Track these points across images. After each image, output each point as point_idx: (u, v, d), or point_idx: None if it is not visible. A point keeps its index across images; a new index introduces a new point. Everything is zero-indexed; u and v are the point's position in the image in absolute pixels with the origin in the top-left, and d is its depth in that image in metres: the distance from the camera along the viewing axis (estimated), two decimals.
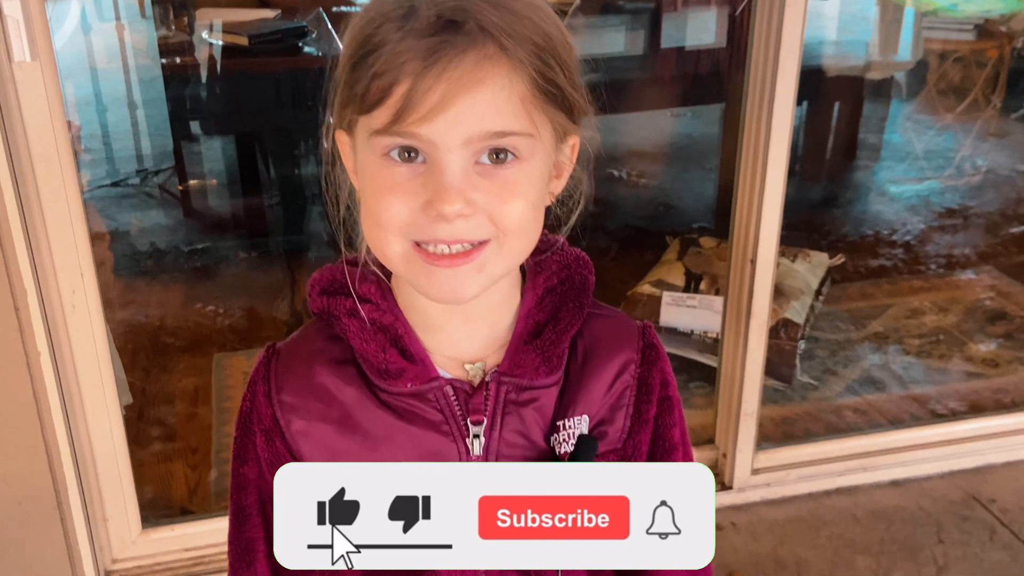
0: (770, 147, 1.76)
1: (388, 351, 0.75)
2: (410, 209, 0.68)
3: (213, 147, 3.55)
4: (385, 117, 0.66)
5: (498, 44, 0.66)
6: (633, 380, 0.80)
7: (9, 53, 1.40)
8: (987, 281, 2.93)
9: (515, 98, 0.67)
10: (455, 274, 0.69)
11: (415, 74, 0.64)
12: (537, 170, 0.71)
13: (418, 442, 0.75)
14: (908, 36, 3.89)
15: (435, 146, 0.66)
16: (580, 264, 0.80)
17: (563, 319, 0.77)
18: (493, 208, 0.68)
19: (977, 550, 1.90)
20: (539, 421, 0.77)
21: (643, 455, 0.82)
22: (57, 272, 1.55)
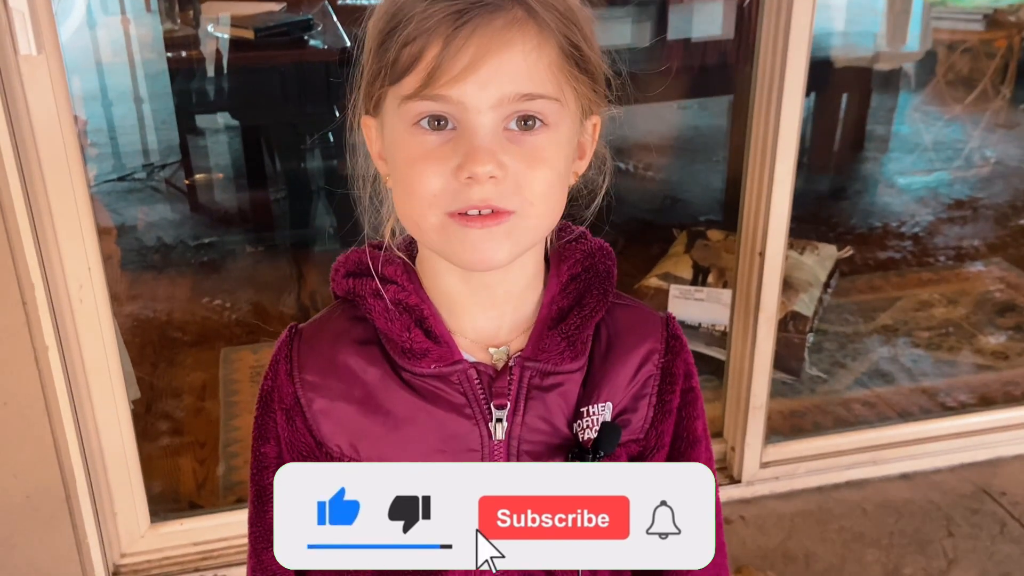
0: (779, 139, 1.76)
1: (413, 331, 0.75)
2: (442, 176, 0.68)
3: (219, 141, 3.55)
4: (416, 81, 0.66)
5: (526, 8, 0.67)
6: (657, 369, 0.81)
7: (15, 47, 1.40)
8: (996, 273, 2.92)
9: (544, 62, 0.68)
10: (487, 236, 0.68)
11: (445, 36, 0.65)
12: (563, 139, 0.71)
13: (440, 424, 0.75)
14: (916, 27, 3.87)
15: (465, 108, 0.66)
16: (604, 254, 0.81)
17: (587, 305, 0.77)
18: (521, 174, 0.68)
19: (987, 543, 1.89)
20: (562, 407, 0.77)
21: (665, 446, 0.82)
22: (65, 266, 1.56)
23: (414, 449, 0.76)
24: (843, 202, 3.36)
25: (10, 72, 1.42)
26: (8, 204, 1.45)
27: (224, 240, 3.09)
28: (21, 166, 1.46)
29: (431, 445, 0.76)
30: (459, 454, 0.76)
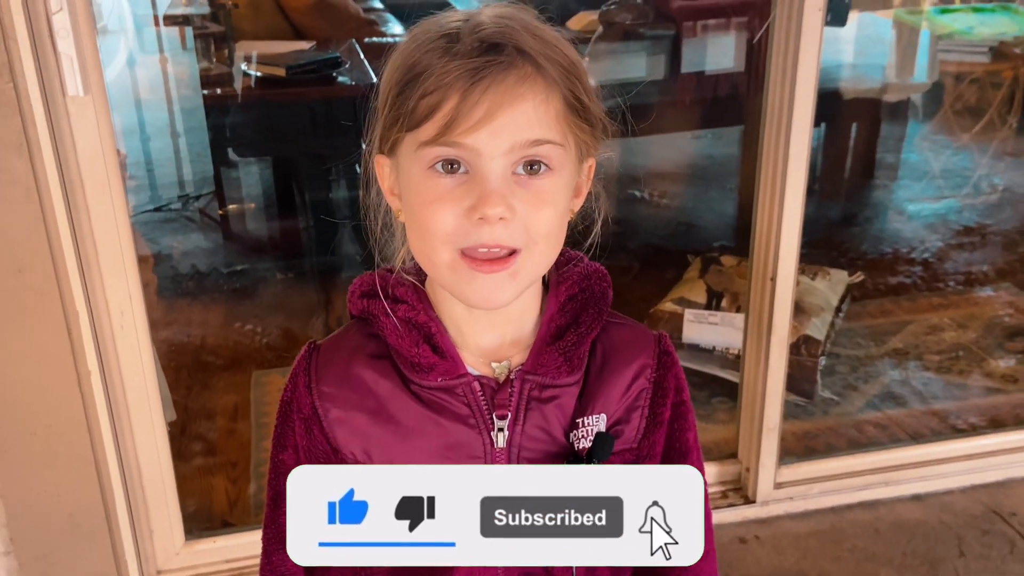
0: (788, 167, 1.77)
1: (421, 347, 0.78)
2: (455, 216, 0.71)
3: (251, 173, 3.59)
4: (434, 130, 0.70)
5: (534, 64, 0.71)
6: (649, 383, 0.83)
7: (64, 88, 1.44)
8: (1005, 298, 2.90)
9: (551, 112, 0.72)
10: (493, 280, 0.72)
11: (463, 90, 0.69)
12: (565, 182, 0.75)
13: (446, 433, 0.78)
14: (924, 58, 3.87)
15: (479, 155, 0.70)
16: (599, 276, 0.84)
17: (583, 323, 0.81)
18: (527, 215, 0.72)
19: (998, 563, 1.87)
20: (560, 418, 0.80)
21: (657, 456, 0.84)
22: (107, 294, 1.58)
23: (421, 456, 0.79)
24: (854, 228, 3.35)
25: (59, 112, 1.45)
26: (55, 236, 1.48)
27: (255, 268, 3.12)
28: (68, 200, 1.49)
29: (437, 452, 0.79)
30: (463, 461, 0.79)
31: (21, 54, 1.39)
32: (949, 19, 3.82)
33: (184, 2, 3.39)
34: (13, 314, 1.49)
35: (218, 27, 3.19)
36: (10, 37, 1.37)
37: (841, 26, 3.42)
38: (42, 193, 1.45)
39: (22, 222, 1.45)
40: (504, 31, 0.71)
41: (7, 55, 1.37)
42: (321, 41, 3.18)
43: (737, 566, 1.86)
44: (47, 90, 1.43)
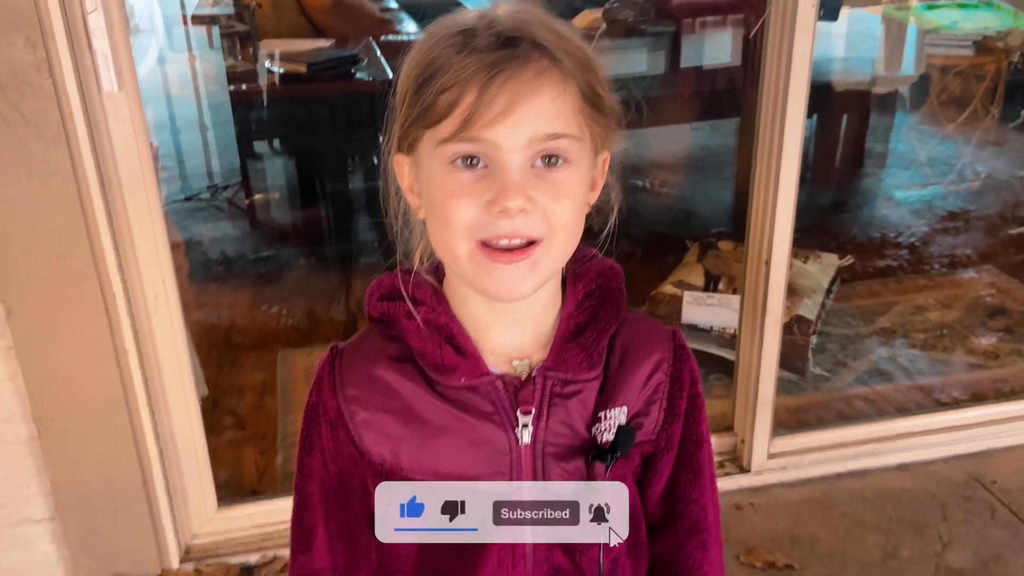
0: (782, 157, 1.76)
1: (444, 348, 0.75)
2: (475, 209, 0.68)
3: (275, 164, 3.59)
4: (453, 126, 0.67)
5: (551, 58, 0.68)
6: (666, 377, 0.81)
7: (99, 85, 1.44)
8: (987, 279, 2.89)
9: (568, 105, 0.69)
10: (513, 271, 0.70)
11: (480, 85, 0.66)
12: (582, 174, 0.72)
13: (472, 430, 0.76)
14: (911, 52, 3.84)
15: (498, 148, 0.67)
16: (614, 273, 0.81)
17: (602, 319, 0.78)
18: (547, 206, 0.69)
19: (979, 528, 1.87)
20: (582, 412, 0.77)
21: (674, 447, 0.83)
22: (142, 278, 1.59)
23: (449, 454, 0.76)
24: (844, 214, 3.33)
25: (95, 107, 1.46)
26: (93, 223, 1.49)
27: (280, 254, 3.12)
28: (104, 190, 1.50)
29: (464, 449, 0.76)
30: (490, 457, 0.77)
31: (59, 52, 1.39)
32: (935, 14, 3.78)
33: (211, 2, 3.39)
34: (55, 298, 1.50)
35: (243, 26, 3.19)
36: (48, 36, 1.37)
37: (833, 21, 3.40)
38: (80, 184, 1.46)
39: (62, 211, 1.46)
40: (520, 25, 0.68)
41: (46, 53, 1.37)
42: (340, 39, 3.17)
43: (733, 531, 1.87)
44: (84, 86, 1.43)
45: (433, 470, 0.77)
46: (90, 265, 1.50)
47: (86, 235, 1.48)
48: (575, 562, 0.80)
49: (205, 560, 1.78)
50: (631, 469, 0.82)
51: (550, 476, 0.77)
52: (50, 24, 1.37)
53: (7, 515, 1.66)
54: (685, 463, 0.84)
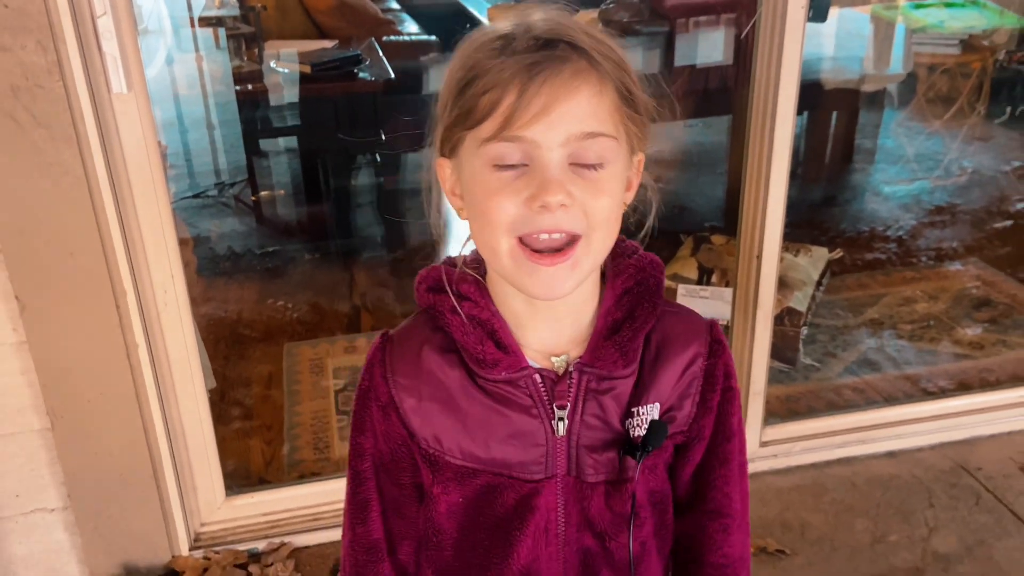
0: (773, 153, 1.76)
1: (485, 343, 0.76)
2: (516, 205, 0.69)
3: (281, 162, 3.59)
4: (494, 125, 0.68)
5: (588, 59, 0.69)
6: (701, 372, 0.81)
7: (109, 86, 1.44)
8: (973, 271, 2.89)
9: (604, 105, 0.70)
10: (554, 272, 0.70)
11: (520, 85, 0.67)
12: (619, 172, 0.73)
13: (510, 422, 0.77)
14: (899, 51, 3.83)
15: (538, 146, 0.68)
16: (653, 267, 0.81)
17: (639, 317, 0.78)
18: (586, 202, 0.69)
19: (964, 514, 1.88)
20: (616, 407, 0.78)
21: (706, 439, 0.83)
22: (151, 273, 1.59)
23: (488, 443, 0.78)
24: (834, 209, 3.33)
25: (104, 108, 1.45)
26: (104, 221, 1.49)
27: (286, 249, 3.12)
28: (114, 189, 1.50)
29: (503, 440, 0.78)
30: (527, 448, 0.78)
31: (69, 55, 1.39)
32: (922, 14, 3.77)
33: (217, 5, 3.37)
34: (67, 293, 1.50)
35: (248, 28, 3.18)
36: (59, 40, 1.37)
37: (822, 22, 3.39)
38: (91, 183, 1.46)
39: (74, 209, 1.46)
40: (557, 28, 0.69)
41: (57, 56, 1.37)
42: (343, 40, 3.17)
43: None
44: (94, 88, 1.43)
45: (474, 456, 0.78)
46: (101, 261, 1.50)
47: (97, 232, 1.48)
48: (604, 545, 0.81)
49: (214, 547, 1.78)
50: (663, 459, 0.83)
51: (583, 467, 0.78)
52: (60, 28, 1.37)
53: (22, 504, 1.67)
54: (713, 452, 0.84)
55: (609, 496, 0.80)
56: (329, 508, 1.86)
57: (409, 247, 3.12)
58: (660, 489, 0.83)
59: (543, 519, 0.79)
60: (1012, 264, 2.90)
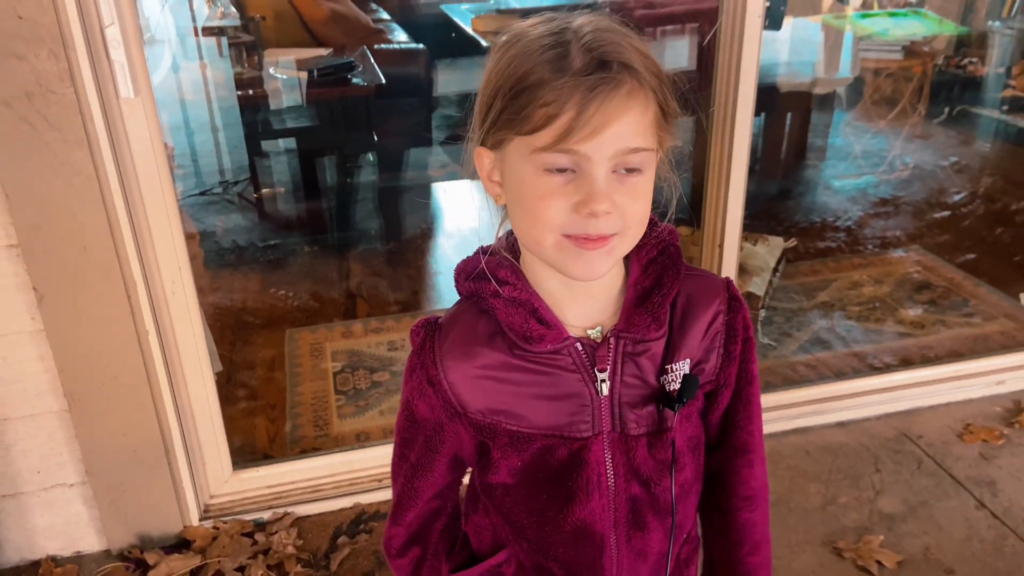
0: (733, 151, 1.76)
1: (530, 321, 0.77)
2: (565, 210, 0.70)
3: (281, 161, 3.56)
4: (550, 137, 0.68)
5: (638, 79, 0.69)
6: (722, 327, 0.82)
7: (117, 91, 1.42)
8: (914, 258, 2.91)
9: (647, 121, 0.70)
10: (595, 256, 0.72)
11: (579, 105, 0.67)
12: (652, 177, 0.74)
13: (558, 386, 0.79)
14: (848, 57, 3.85)
15: (589, 160, 0.69)
16: (671, 235, 0.82)
17: (665, 284, 0.79)
18: (626, 206, 0.71)
19: (907, 477, 1.90)
20: (651, 366, 0.80)
21: (731, 385, 0.85)
22: (160, 266, 1.58)
23: (539, 408, 0.79)
24: (789, 202, 3.34)
25: (113, 112, 1.44)
26: (114, 217, 1.47)
27: (286, 242, 3.10)
28: (124, 187, 1.48)
29: (552, 403, 0.79)
30: (575, 408, 0.79)
31: (80, 63, 1.37)
32: (869, 22, 3.79)
33: (219, 16, 3.33)
34: (81, 285, 1.49)
35: (249, 37, 3.15)
36: (70, 48, 1.35)
37: (777, 30, 3.39)
38: (102, 182, 1.44)
39: (85, 207, 1.44)
40: (610, 47, 0.69)
41: (68, 64, 1.35)
42: (337, 48, 3.14)
43: None
44: (103, 93, 1.41)
45: (527, 422, 0.79)
46: (112, 255, 1.48)
47: (108, 228, 1.46)
48: (650, 492, 0.82)
49: (222, 518, 1.78)
50: (696, 407, 0.84)
51: (626, 421, 0.80)
52: (71, 37, 1.35)
53: (43, 480, 1.65)
54: (738, 396, 0.86)
55: (652, 446, 0.81)
56: (328, 480, 1.86)
57: (402, 240, 3.11)
58: (696, 435, 0.85)
59: (594, 473, 0.80)
60: (950, 251, 2.93)
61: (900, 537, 1.73)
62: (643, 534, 0.84)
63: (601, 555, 0.83)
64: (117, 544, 1.72)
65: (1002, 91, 3.76)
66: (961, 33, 3.82)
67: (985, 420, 2.07)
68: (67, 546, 1.72)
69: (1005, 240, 3.02)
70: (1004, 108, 3.79)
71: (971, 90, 3.82)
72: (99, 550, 1.73)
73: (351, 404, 2.19)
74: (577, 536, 0.82)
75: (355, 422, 2.11)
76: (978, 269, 2.79)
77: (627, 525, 0.83)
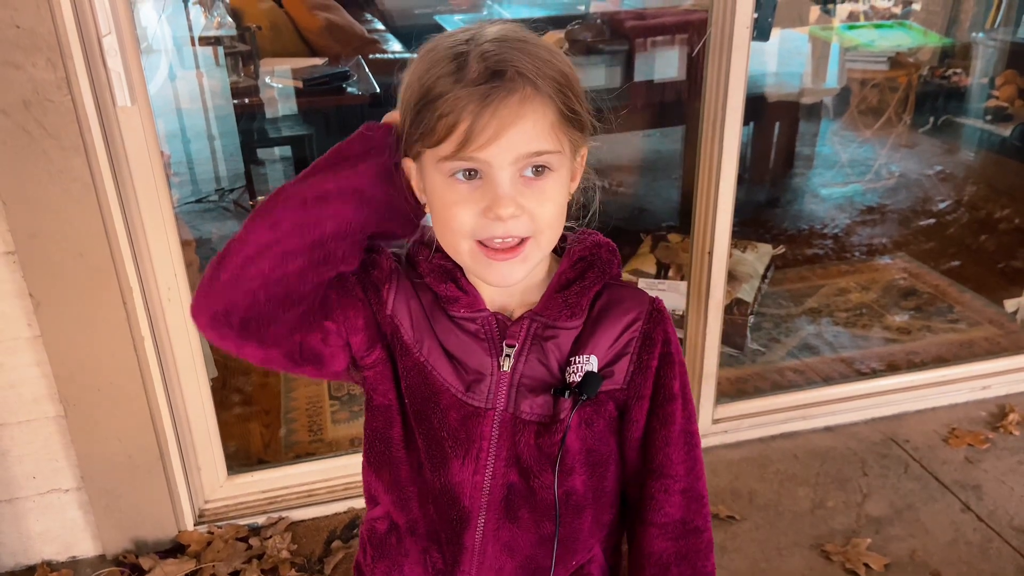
0: (722, 160, 1.77)
1: (447, 284, 0.80)
2: (473, 215, 0.72)
3: (276, 169, 3.55)
4: (451, 147, 0.70)
5: (533, 85, 0.70)
6: (638, 334, 0.81)
7: (114, 100, 1.42)
8: (900, 265, 2.93)
9: (546, 125, 0.71)
10: (507, 266, 0.74)
11: (474, 114, 0.69)
12: (563, 179, 0.75)
13: (466, 349, 0.81)
14: (834, 67, 3.87)
15: (491, 166, 0.71)
16: (609, 249, 0.84)
17: (588, 279, 0.81)
18: (534, 209, 0.72)
19: (894, 481, 1.91)
20: (557, 354, 0.81)
21: (645, 398, 0.82)
22: (156, 273, 1.57)
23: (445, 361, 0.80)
24: (777, 209, 3.36)
25: (110, 120, 1.43)
26: (111, 224, 1.47)
27: None
28: (120, 194, 1.48)
29: (456, 363, 0.80)
30: (476, 377, 0.80)
31: (77, 71, 1.37)
32: (855, 34, 3.82)
33: (216, 25, 3.33)
34: (78, 291, 1.48)
35: (245, 46, 3.14)
36: (67, 56, 1.34)
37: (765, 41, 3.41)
38: (98, 189, 1.43)
39: (82, 213, 1.43)
40: (504, 56, 0.70)
41: (65, 72, 1.34)
42: (332, 57, 3.14)
43: None
44: (100, 101, 1.41)
45: (432, 363, 0.81)
46: (108, 261, 1.48)
47: (104, 235, 1.46)
48: (528, 483, 0.82)
49: (217, 522, 1.77)
50: (604, 417, 0.82)
51: (520, 404, 0.80)
52: (68, 46, 1.34)
53: (39, 485, 1.64)
54: (656, 414, 0.83)
55: (539, 436, 0.80)
56: (323, 485, 1.85)
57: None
58: (597, 450, 0.82)
59: (476, 447, 0.80)
60: (935, 258, 2.94)
61: (887, 540, 1.73)
62: (513, 527, 0.83)
63: (463, 530, 0.82)
64: (112, 549, 1.71)
65: (986, 101, 3.79)
66: (945, 44, 3.85)
67: (970, 424, 2.08)
68: (62, 551, 1.71)
69: (989, 247, 3.04)
70: (988, 118, 3.82)
71: (955, 100, 3.85)
72: (94, 555, 1.72)
73: (345, 409, 2.18)
74: (445, 500, 0.82)
75: (349, 427, 2.11)
76: (963, 276, 2.81)
77: (499, 512, 0.82)
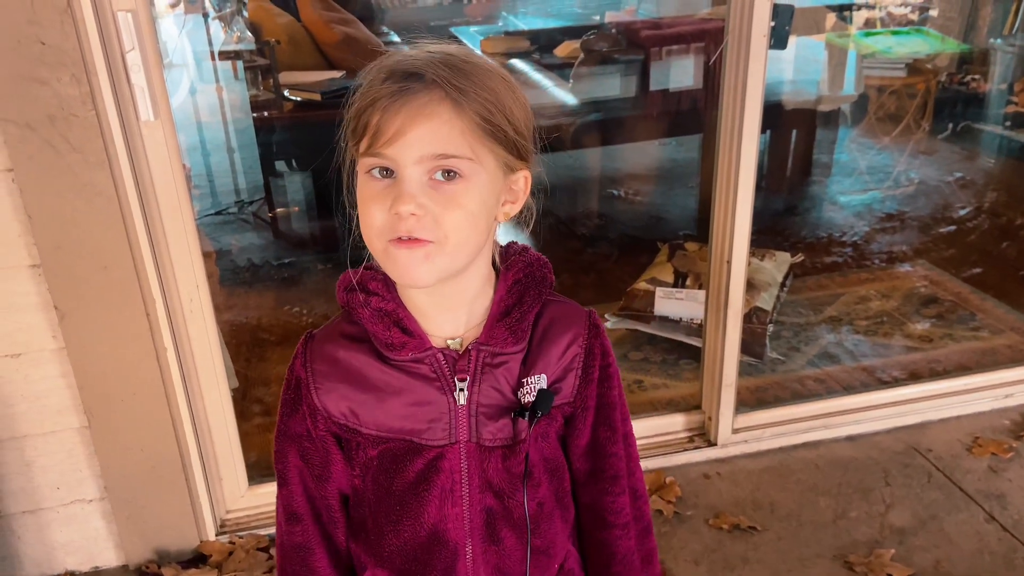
0: (740, 168, 1.76)
1: (392, 330, 0.80)
2: (382, 212, 0.72)
3: (295, 181, 3.57)
4: (366, 143, 0.72)
5: (444, 91, 0.71)
6: (581, 349, 0.85)
7: (137, 114, 1.44)
8: (921, 272, 2.90)
9: (456, 131, 0.71)
10: (409, 256, 0.72)
11: (383, 109, 0.71)
12: (478, 189, 0.73)
13: (417, 393, 0.81)
14: (851, 74, 3.86)
15: (397, 163, 0.71)
16: (541, 264, 0.84)
17: (526, 302, 0.82)
18: (438, 213, 0.71)
19: (917, 491, 1.88)
20: (508, 379, 0.82)
21: (591, 408, 0.87)
22: (178, 284, 1.59)
23: (398, 412, 0.81)
24: (795, 217, 3.34)
25: (134, 134, 1.45)
26: (134, 237, 1.48)
27: (300, 260, 3.11)
28: (144, 207, 1.49)
29: (411, 409, 0.81)
30: (434, 415, 0.81)
31: (101, 87, 1.39)
32: (872, 41, 3.80)
33: (235, 40, 3.37)
34: (101, 303, 1.50)
35: (264, 60, 3.18)
36: (91, 72, 1.36)
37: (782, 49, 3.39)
38: (122, 202, 1.45)
39: (106, 227, 1.45)
40: (425, 64, 0.71)
41: (89, 88, 1.36)
42: (350, 70, 3.16)
43: (703, 497, 1.87)
44: (123, 116, 1.43)
45: (386, 427, 0.81)
46: (132, 273, 1.49)
47: (128, 247, 1.48)
48: (504, 504, 0.84)
49: (238, 532, 1.77)
50: (554, 428, 0.86)
51: (482, 432, 0.82)
52: (93, 62, 1.36)
53: (62, 496, 1.66)
54: (603, 422, 0.88)
55: (506, 458, 0.82)
56: None
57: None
58: (553, 457, 0.87)
59: (448, 480, 0.82)
60: (956, 265, 2.91)
61: (911, 551, 1.71)
62: (498, 548, 0.85)
63: (455, 562, 0.84)
64: (135, 559, 1.72)
65: (1005, 107, 3.76)
66: (963, 51, 3.82)
67: (994, 433, 2.06)
68: (85, 561, 1.72)
69: (1011, 254, 3.01)
70: (1007, 124, 3.78)
71: (974, 106, 3.82)
72: (117, 565, 1.73)
73: None
74: (433, 543, 0.84)
75: None
76: (984, 283, 2.78)
77: (482, 536, 0.84)
